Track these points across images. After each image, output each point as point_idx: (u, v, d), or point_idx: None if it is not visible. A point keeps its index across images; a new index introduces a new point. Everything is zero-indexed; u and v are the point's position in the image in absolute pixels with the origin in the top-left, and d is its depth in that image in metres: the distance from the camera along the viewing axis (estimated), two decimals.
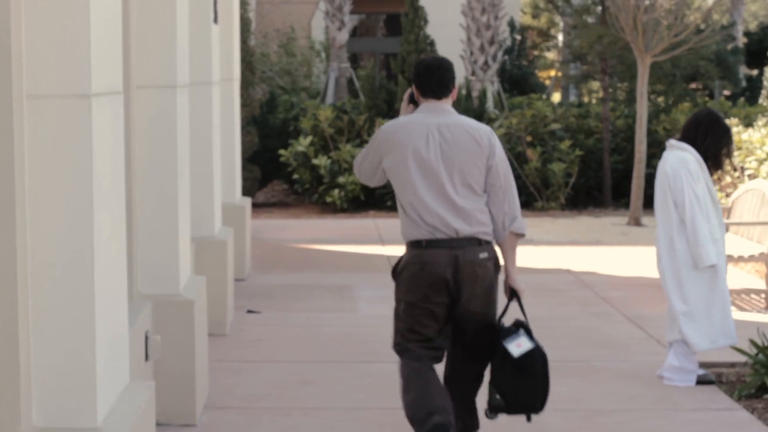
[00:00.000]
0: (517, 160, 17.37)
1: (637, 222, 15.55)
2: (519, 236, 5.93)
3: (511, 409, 5.91)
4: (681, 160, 7.70)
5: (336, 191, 17.27)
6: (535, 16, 34.58)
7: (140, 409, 4.70)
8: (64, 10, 4.19)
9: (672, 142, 7.85)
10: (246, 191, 15.98)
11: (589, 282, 11.44)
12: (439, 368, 6.01)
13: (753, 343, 7.64)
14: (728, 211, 11.30)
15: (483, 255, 5.80)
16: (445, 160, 5.79)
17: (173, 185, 6.83)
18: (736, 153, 15.31)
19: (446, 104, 5.93)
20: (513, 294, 5.98)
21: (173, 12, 6.81)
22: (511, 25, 28.03)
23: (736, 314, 9.10)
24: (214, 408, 7.16)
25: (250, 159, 17.71)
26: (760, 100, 23.99)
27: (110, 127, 4.51)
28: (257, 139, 18.16)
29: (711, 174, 7.82)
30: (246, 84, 17.54)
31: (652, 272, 11.74)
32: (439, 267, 5.76)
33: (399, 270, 5.92)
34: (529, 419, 5.97)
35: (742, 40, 30.38)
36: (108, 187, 4.46)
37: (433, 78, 5.90)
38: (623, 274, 11.97)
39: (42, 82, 4.19)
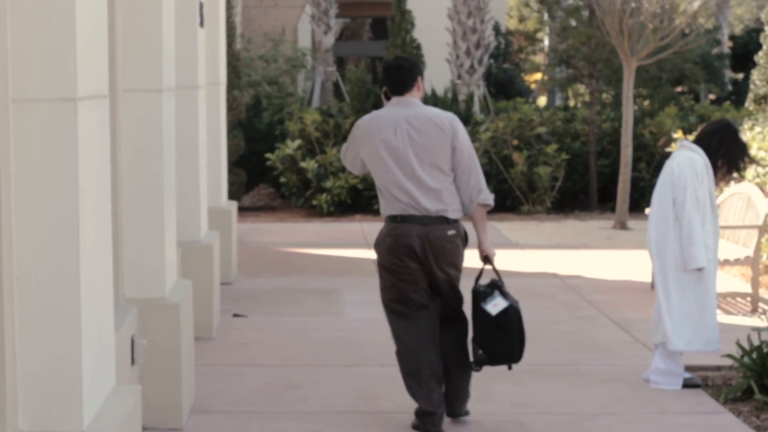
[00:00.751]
0: (503, 163, 17.37)
1: (622, 226, 15.56)
2: (486, 207, 6.65)
3: (494, 361, 6.69)
4: (689, 159, 7.72)
5: (323, 195, 17.26)
6: (521, 20, 34.61)
7: (126, 413, 4.69)
8: (50, 14, 4.18)
9: (684, 143, 7.88)
10: (232, 195, 15.97)
11: (575, 286, 11.45)
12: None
13: (739, 346, 7.64)
14: None
15: (451, 232, 6.55)
16: (413, 146, 6.51)
17: (159, 189, 6.82)
18: None
19: (411, 98, 6.64)
20: (486, 259, 6.74)
21: (159, 16, 6.80)
22: (497, 28, 28.05)
23: (722, 318, 9.11)
24: (201, 412, 7.15)
25: (236, 163, 17.70)
26: (746, 104, 24.04)
27: (96, 131, 4.50)
28: (243, 142, 18.14)
29: (721, 178, 7.87)
30: (232, 88, 17.53)
31: (638, 276, 11.78)
32: (411, 239, 6.51)
33: (379, 241, 6.67)
34: (510, 368, 6.79)
35: (727, 44, 30.45)
36: (94, 191, 4.45)
37: (391, 79, 6.64)
38: (609, 277, 11.98)
39: (27, 85, 4.18)
